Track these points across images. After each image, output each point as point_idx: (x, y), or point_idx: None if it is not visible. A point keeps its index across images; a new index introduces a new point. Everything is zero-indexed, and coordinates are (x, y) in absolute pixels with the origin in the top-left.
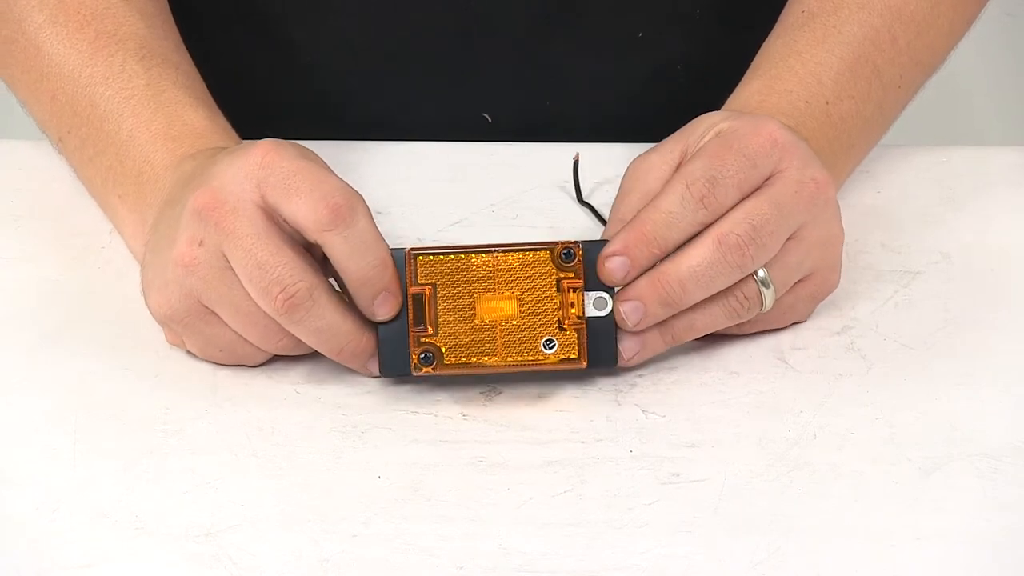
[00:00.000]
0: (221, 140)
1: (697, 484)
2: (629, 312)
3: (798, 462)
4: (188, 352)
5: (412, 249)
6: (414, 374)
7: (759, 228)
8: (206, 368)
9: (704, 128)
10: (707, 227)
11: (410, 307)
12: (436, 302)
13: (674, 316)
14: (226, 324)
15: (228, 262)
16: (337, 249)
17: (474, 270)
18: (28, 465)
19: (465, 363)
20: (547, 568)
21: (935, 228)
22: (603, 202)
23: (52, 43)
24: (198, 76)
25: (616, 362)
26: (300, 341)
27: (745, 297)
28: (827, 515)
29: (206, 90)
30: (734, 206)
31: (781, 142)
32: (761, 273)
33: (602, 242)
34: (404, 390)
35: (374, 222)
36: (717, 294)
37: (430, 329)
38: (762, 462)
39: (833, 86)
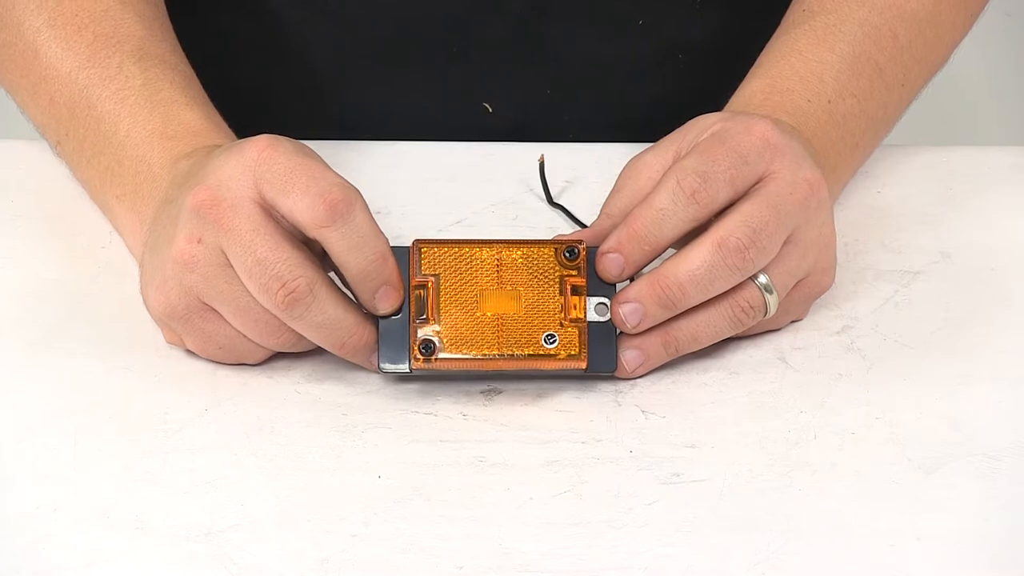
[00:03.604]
0: (217, 139)
1: (697, 484)
2: (628, 314)
3: (798, 462)
4: (188, 352)
5: (417, 240)
6: (413, 366)
7: (759, 231)
8: (206, 368)
9: (699, 129)
10: (706, 230)
11: (412, 299)
12: (439, 294)
13: (677, 326)
14: (226, 321)
15: (227, 259)
16: (336, 245)
17: (478, 263)
18: (28, 465)
19: (465, 355)
20: (547, 568)
21: (935, 228)
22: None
23: (50, 46)
24: (195, 77)
25: (615, 368)
26: (300, 337)
27: (750, 306)
28: (827, 515)
29: (203, 90)
30: (730, 208)
31: (773, 142)
32: (763, 279)
33: None
34: (404, 390)
35: (372, 216)
36: (721, 304)
37: (431, 321)
38: (762, 462)
39: (835, 84)
